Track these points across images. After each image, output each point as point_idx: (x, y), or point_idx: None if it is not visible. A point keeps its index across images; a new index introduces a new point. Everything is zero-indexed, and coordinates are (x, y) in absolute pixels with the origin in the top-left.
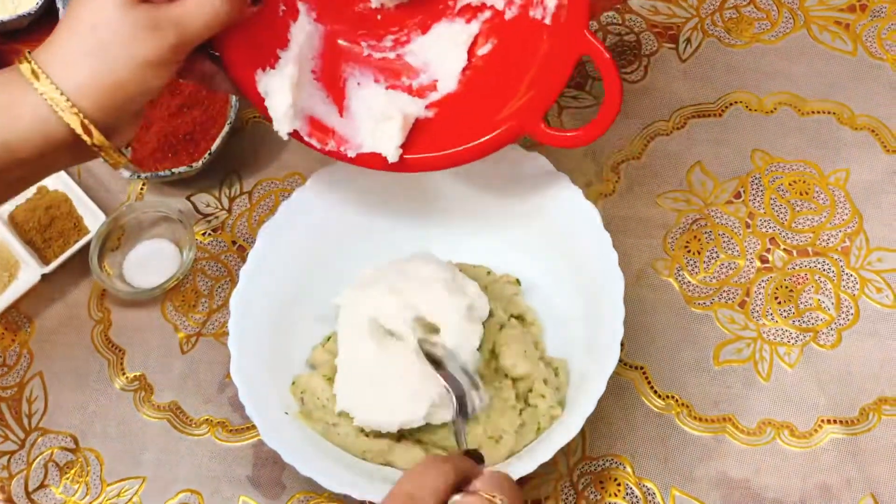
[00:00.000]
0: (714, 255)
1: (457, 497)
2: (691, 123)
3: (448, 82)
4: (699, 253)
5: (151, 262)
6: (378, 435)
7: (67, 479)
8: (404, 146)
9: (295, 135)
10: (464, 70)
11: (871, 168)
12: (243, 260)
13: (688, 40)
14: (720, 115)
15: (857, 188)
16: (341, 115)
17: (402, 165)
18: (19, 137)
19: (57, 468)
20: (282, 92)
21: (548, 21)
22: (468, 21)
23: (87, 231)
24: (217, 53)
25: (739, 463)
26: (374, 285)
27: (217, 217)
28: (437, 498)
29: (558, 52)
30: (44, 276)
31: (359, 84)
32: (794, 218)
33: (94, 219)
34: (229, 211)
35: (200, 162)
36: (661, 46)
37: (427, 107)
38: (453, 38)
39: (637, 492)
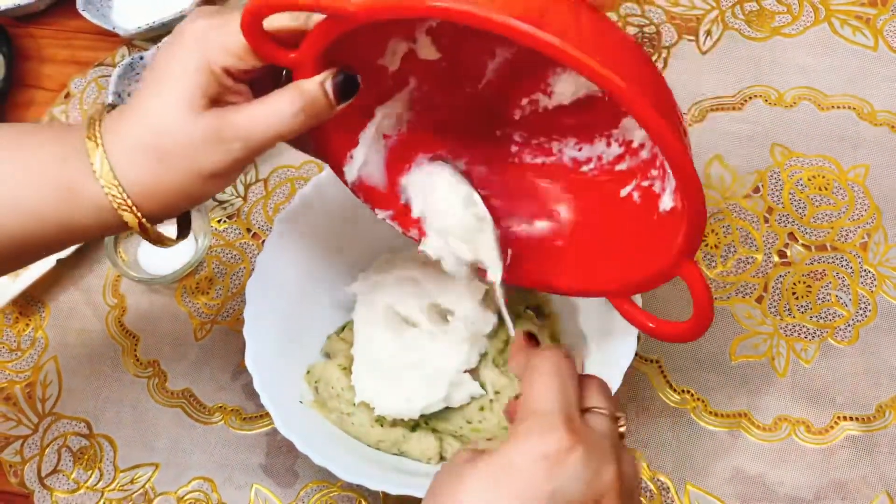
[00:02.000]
0: (732, 249)
1: (592, 420)
2: (711, 116)
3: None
4: (717, 247)
5: (166, 249)
6: (392, 424)
7: (81, 464)
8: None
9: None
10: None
11: (891, 164)
12: (258, 247)
13: (708, 33)
14: (740, 108)
15: (876, 184)
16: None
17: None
18: (77, 220)
19: (70, 454)
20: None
21: (661, 209)
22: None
23: None
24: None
25: (755, 459)
26: (389, 273)
27: (232, 204)
28: (579, 409)
29: (664, 252)
30: (59, 261)
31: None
32: (812, 213)
33: None
34: (245, 198)
35: None
36: (681, 38)
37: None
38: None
39: (651, 486)
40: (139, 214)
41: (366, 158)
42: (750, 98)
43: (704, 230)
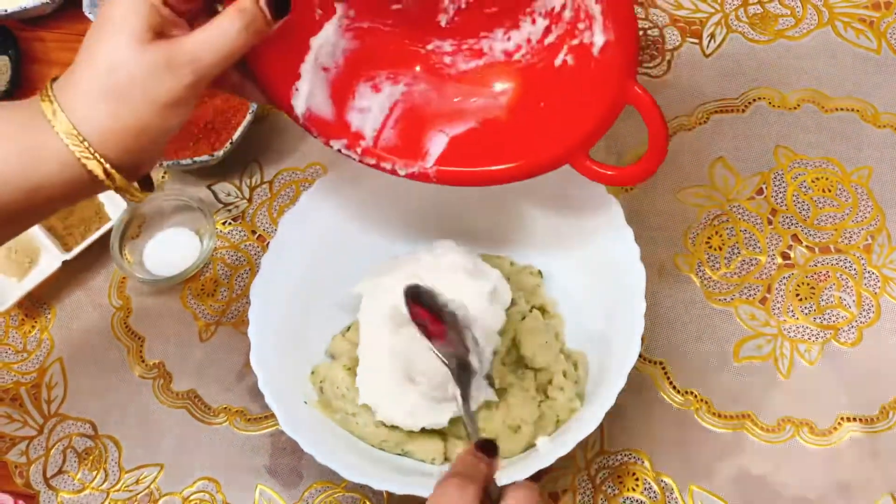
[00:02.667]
0: (735, 251)
1: None
2: (714, 119)
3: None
4: (720, 249)
5: (171, 251)
6: (397, 426)
7: (86, 465)
8: (438, 158)
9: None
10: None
11: (895, 166)
12: (263, 249)
13: (711, 36)
14: (743, 110)
15: (879, 186)
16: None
17: (430, 176)
18: (43, 179)
19: (75, 454)
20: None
21: (595, 52)
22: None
23: (108, 218)
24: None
25: (758, 460)
26: (394, 273)
27: (237, 206)
28: None
29: (606, 93)
30: (64, 263)
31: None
32: (816, 215)
33: (115, 206)
34: (250, 200)
35: (222, 151)
36: (685, 41)
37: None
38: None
39: (655, 487)
40: (102, 161)
41: (311, 89)
42: (754, 100)
43: (639, 45)
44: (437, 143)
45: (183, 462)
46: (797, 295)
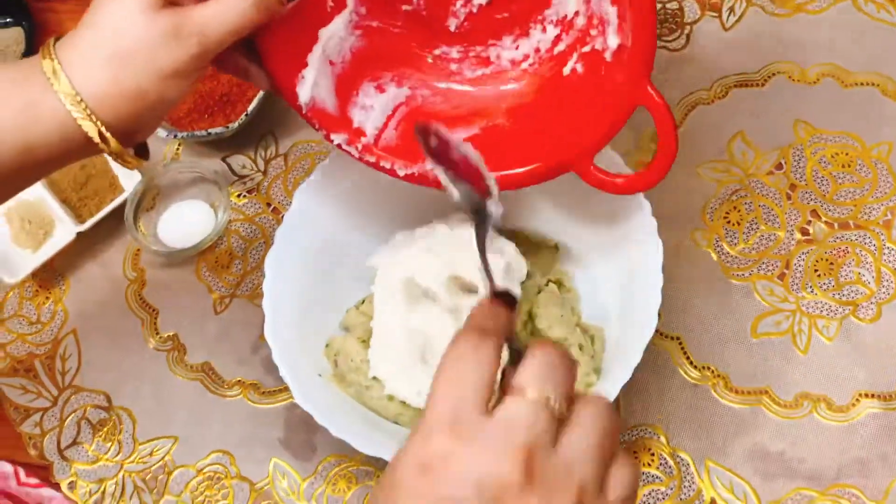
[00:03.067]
0: (754, 226)
1: (502, 408)
2: (733, 93)
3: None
4: (739, 224)
5: (186, 223)
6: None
7: (100, 437)
8: None
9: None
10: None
11: None
12: (278, 222)
13: (731, 9)
14: (762, 84)
15: None
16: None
17: (430, 179)
18: (38, 139)
19: (90, 426)
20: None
21: (608, 57)
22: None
23: (122, 190)
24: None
25: (775, 436)
26: (410, 245)
27: (252, 178)
28: (481, 404)
29: (616, 97)
30: (79, 235)
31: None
32: (835, 190)
33: (129, 178)
34: (265, 173)
35: (237, 123)
36: (704, 14)
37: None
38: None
39: (671, 462)
40: (98, 123)
41: (316, 80)
42: (773, 74)
43: (655, 47)
44: None
45: (197, 434)
46: (816, 271)
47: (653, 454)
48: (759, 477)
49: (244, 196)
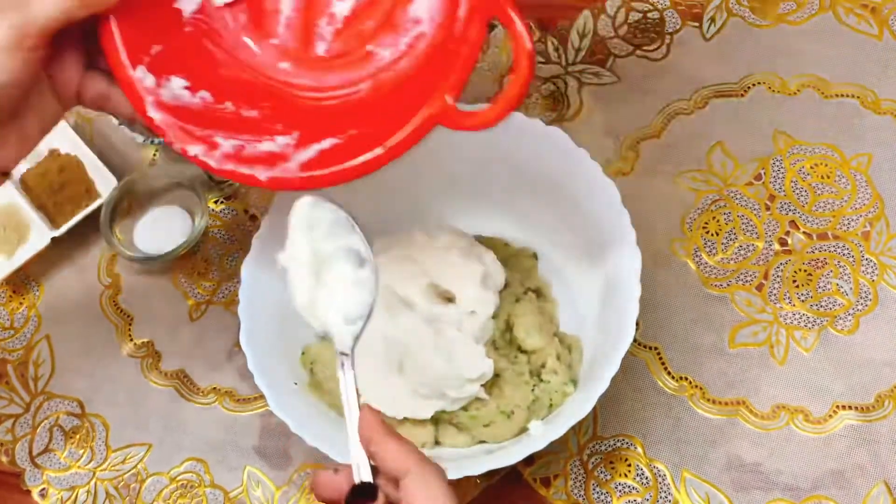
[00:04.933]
0: (732, 236)
1: None
2: (713, 103)
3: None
4: (717, 234)
5: (162, 229)
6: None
7: (72, 443)
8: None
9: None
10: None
11: (894, 153)
12: (255, 229)
13: (712, 19)
14: (742, 95)
15: (879, 173)
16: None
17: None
18: None
19: (62, 433)
20: None
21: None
22: None
23: (98, 195)
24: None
25: (752, 447)
26: (387, 253)
27: (230, 185)
28: None
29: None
30: (54, 240)
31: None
32: (814, 201)
33: (105, 183)
34: None
35: None
36: (685, 25)
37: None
38: None
39: (647, 472)
40: None
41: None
42: (753, 85)
43: None
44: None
45: (170, 442)
46: (794, 281)
47: (629, 465)
48: (735, 488)
49: (222, 202)
